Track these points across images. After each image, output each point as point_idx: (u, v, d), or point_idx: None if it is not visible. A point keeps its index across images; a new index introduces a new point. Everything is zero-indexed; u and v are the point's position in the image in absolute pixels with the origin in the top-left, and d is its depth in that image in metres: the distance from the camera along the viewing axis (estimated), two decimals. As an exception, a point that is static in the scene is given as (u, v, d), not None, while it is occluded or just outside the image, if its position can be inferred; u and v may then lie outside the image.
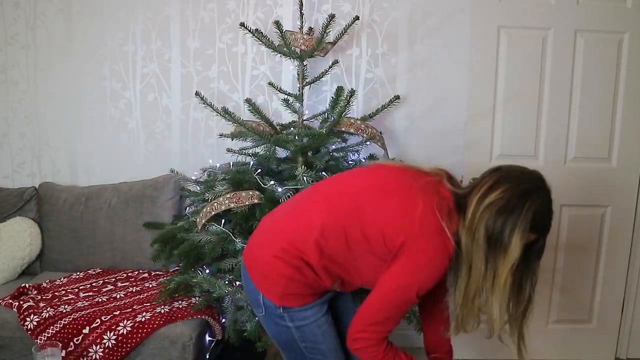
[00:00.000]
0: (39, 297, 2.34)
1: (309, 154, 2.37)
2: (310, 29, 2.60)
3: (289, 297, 1.53)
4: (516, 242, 1.34)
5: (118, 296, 2.38)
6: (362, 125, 2.37)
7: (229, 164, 2.49)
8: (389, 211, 1.44)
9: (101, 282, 2.53)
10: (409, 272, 1.40)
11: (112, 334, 2.11)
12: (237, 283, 2.12)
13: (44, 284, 2.47)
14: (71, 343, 2.12)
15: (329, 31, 2.34)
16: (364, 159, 2.57)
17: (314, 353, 1.61)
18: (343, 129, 2.33)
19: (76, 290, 2.43)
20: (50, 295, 2.36)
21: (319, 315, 1.58)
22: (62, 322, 2.15)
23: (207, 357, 2.41)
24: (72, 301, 2.31)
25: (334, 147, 2.42)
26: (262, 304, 1.57)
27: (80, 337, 2.12)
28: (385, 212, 1.45)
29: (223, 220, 2.24)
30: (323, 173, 2.21)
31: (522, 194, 1.37)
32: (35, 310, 2.21)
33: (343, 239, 1.47)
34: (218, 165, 2.59)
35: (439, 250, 1.38)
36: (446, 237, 1.37)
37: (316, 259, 1.48)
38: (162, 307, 2.25)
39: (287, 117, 2.69)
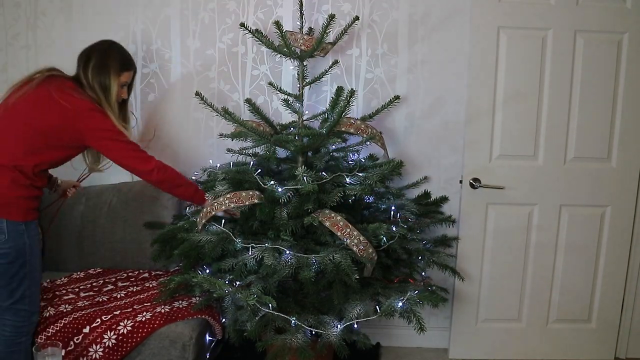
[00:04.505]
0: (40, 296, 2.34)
1: (309, 154, 2.37)
2: (310, 29, 2.60)
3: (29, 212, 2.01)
4: (114, 82, 2.14)
5: (118, 296, 2.38)
6: (362, 125, 2.37)
7: (229, 164, 2.50)
8: None
9: (101, 281, 2.53)
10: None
11: (112, 333, 2.11)
12: (238, 283, 2.12)
13: (45, 284, 2.47)
14: (71, 342, 2.13)
15: (329, 31, 2.34)
16: (364, 159, 2.58)
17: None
18: (343, 129, 2.33)
19: (76, 289, 2.44)
20: (51, 295, 2.36)
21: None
22: (63, 321, 2.16)
23: (207, 356, 2.41)
24: (72, 301, 2.31)
25: (334, 147, 2.42)
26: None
27: (80, 337, 2.13)
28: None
29: (223, 220, 2.25)
30: (323, 173, 2.21)
31: (101, 54, 2.15)
32: (36, 310, 2.21)
33: None
34: (218, 165, 2.59)
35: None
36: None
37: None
38: (163, 306, 2.25)
39: (287, 117, 2.69)
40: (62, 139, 2.06)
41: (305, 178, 2.12)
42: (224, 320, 2.33)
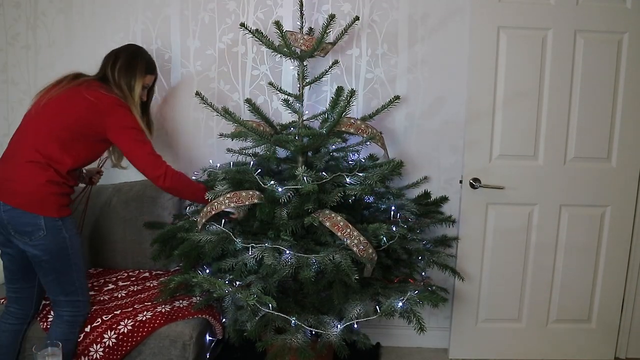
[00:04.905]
0: (40, 296, 2.34)
1: (309, 154, 2.37)
2: (311, 29, 2.60)
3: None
4: (138, 82, 2.26)
5: (119, 295, 2.39)
6: (362, 125, 2.37)
7: (229, 164, 2.50)
8: None
9: (102, 281, 2.53)
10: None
11: (112, 332, 2.12)
12: (238, 283, 2.12)
13: (45, 284, 2.47)
14: (72, 342, 2.13)
15: (329, 31, 2.34)
16: (364, 159, 2.58)
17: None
18: (343, 129, 2.33)
19: (77, 289, 2.44)
20: (51, 295, 2.36)
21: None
22: (63, 321, 2.16)
23: (207, 356, 2.41)
24: (72, 301, 2.32)
25: (334, 147, 2.42)
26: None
27: (80, 336, 2.13)
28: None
29: (223, 220, 2.25)
30: (323, 173, 2.21)
31: (129, 55, 2.28)
32: (36, 310, 2.21)
33: None
34: (218, 165, 2.59)
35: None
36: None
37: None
38: (163, 306, 2.26)
39: (287, 117, 2.69)
40: (88, 133, 2.12)
41: (305, 178, 2.12)
42: (224, 320, 2.33)
